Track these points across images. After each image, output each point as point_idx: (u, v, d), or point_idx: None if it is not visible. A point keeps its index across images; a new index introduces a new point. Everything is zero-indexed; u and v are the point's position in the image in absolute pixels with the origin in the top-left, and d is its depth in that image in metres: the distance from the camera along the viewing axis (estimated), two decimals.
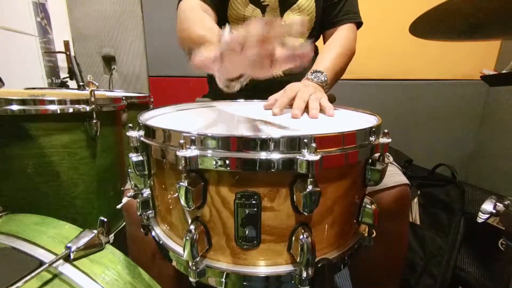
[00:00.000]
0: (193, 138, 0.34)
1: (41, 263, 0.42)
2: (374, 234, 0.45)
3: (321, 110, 0.56)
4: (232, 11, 0.78)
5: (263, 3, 0.77)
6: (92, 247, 0.47)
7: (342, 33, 0.83)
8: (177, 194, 0.34)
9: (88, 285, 0.42)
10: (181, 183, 0.33)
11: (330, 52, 0.80)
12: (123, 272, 0.46)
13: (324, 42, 0.88)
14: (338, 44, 0.82)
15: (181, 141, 0.33)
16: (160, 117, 0.54)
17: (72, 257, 0.44)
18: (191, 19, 0.69)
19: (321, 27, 0.87)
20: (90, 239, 0.47)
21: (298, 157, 0.32)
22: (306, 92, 0.59)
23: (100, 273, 0.44)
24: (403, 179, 0.64)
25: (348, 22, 0.83)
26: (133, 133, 0.42)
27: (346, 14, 0.83)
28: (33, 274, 0.39)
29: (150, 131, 0.40)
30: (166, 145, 0.37)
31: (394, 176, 0.64)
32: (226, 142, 0.33)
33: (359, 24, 0.86)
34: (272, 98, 0.62)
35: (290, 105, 0.57)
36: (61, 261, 0.43)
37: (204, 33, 0.61)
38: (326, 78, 0.70)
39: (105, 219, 0.50)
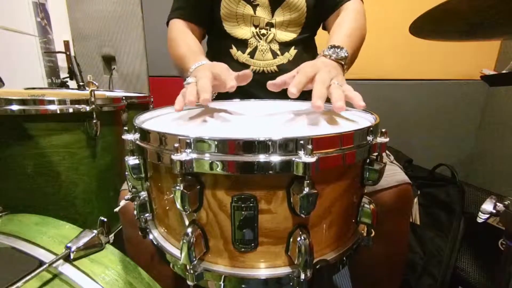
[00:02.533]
0: (188, 141, 0.33)
1: (41, 263, 0.43)
2: (373, 234, 0.45)
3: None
4: (224, 10, 0.79)
5: (253, 3, 0.78)
6: (92, 247, 0.47)
7: (350, 7, 0.76)
8: (173, 197, 0.34)
9: (88, 285, 0.42)
10: (177, 187, 0.33)
11: (342, 28, 0.71)
12: (123, 272, 0.46)
13: (329, 32, 0.81)
14: (348, 19, 0.74)
15: (176, 145, 0.32)
16: (156, 119, 0.53)
17: (72, 257, 0.44)
18: (178, 39, 0.80)
19: (316, 21, 0.84)
20: (90, 239, 0.47)
21: (294, 159, 0.32)
22: (327, 74, 0.50)
23: (100, 273, 0.44)
24: (405, 178, 0.64)
25: None
26: (128, 136, 0.42)
27: None
28: (33, 274, 0.39)
29: (145, 134, 0.39)
30: (162, 148, 0.36)
31: (396, 175, 0.64)
32: (222, 145, 0.33)
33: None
34: (280, 79, 0.55)
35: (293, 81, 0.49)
36: (61, 261, 0.43)
37: (184, 51, 0.74)
38: (346, 54, 0.60)
39: (105, 219, 0.50)
